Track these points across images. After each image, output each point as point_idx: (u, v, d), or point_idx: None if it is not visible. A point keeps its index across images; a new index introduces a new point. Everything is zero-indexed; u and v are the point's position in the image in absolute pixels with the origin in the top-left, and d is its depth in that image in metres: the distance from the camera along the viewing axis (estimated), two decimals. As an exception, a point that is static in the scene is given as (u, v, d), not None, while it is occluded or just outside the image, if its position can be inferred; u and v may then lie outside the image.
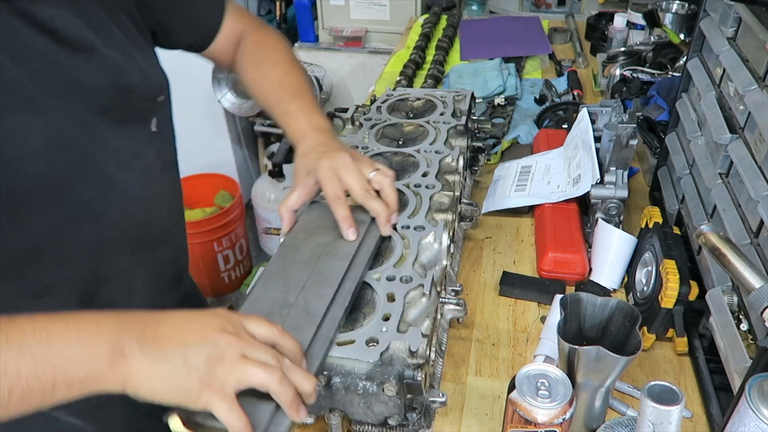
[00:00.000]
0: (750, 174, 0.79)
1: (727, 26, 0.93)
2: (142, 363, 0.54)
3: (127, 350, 0.54)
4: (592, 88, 1.74)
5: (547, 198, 1.17)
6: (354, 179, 0.83)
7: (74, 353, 0.52)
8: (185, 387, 0.55)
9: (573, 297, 0.76)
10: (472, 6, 2.73)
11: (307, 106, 0.93)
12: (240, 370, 0.56)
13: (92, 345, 0.53)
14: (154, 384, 0.54)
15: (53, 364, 0.51)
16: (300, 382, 0.60)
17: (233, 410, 0.55)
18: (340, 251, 0.81)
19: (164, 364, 0.54)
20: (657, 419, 0.61)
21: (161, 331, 0.56)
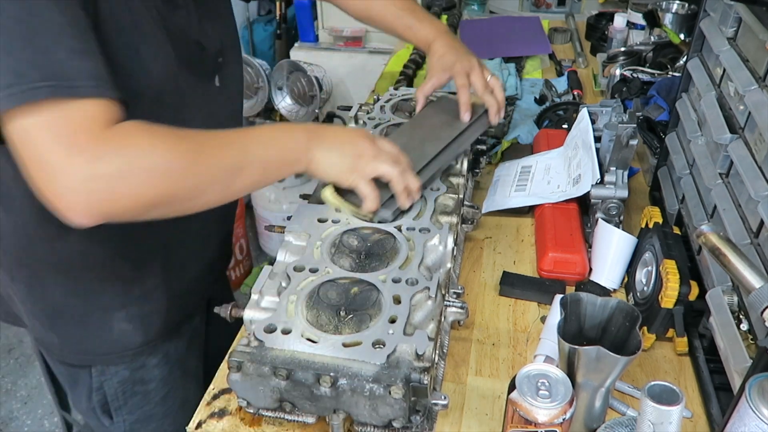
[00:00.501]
0: (750, 174, 0.79)
1: (727, 26, 0.93)
2: (320, 152, 0.83)
3: (313, 144, 0.82)
4: (592, 88, 1.74)
5: (547, 198, 1.17)
6: (478, 79, 1.12)
7: (287, 142, 0.81)
8: (343, 170, 0.85)
9: (573, 297, 0.76)
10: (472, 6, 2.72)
11: (424, 15, 1.19)
12: (374, 164, 0.85)
13: (295, 137, 0.82)
14: (325, 166, 0.83)
15: (275, 148, 0.80)
16: (410, 181, 0.89)
17: (369, 186, 0.85)
18: (453, 125, 1.10)
19: (332, 154, 0.84)
20: (657, 419, 0.61)
21: (329, 135, 0.85)
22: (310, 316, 0.76)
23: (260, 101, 2.59)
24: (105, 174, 0.65)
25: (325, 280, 0.80)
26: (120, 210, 0.67)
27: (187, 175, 0.70)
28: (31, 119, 0.63)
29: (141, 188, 0.67)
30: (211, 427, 0.82)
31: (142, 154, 0.67)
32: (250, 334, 0.74)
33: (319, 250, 0.86)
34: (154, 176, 0.68)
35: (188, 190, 0.72)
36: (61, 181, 0.64)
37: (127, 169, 0.66)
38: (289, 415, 0.75)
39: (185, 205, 0.73)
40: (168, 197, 0.70)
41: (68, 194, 0.64)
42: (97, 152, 0.65)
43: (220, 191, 0.75)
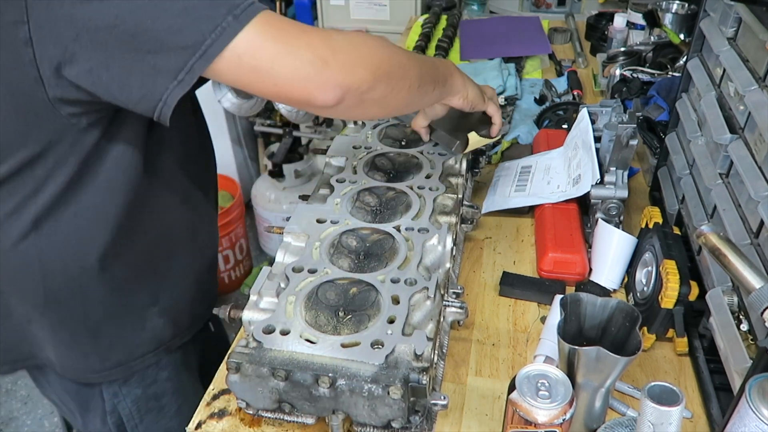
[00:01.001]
0: (750, 174, 0.79)
1: (727, 26, 0.93)
2: (462, 79, 0.95)
3: (460, 73, 0.95)
4: (592, 88, 1.74)
5: (547, 198, 1.17)
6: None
7: (441, 67, 0.91)
8: (480, 95, 0.98)
9: (573, 297, 0.76)
10: (472, 6, 2.72)
11: None
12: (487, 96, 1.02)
13: (446, 64, 0.93)
14: (468, 91, 0.95)
15: (435, 69, 0.88)
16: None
17: (496, 107, 1.03)
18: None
19: (471, 84, 0.97)
20: (657, 419, 0.61)
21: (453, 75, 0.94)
22: (309, 317, 0.76)
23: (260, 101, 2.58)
24: (341, 49, 0.71)
25: (323, 280, 0.80)
26: (358, 80, 0.72)
27: (392, 54, 0.77)
28: (260, 35, 0.67)
29: (371, 57, 0.74)
30: (211, 427, 0.81)
31: (351, 34, 0.75)
32: (249, 335, 0.74)
33: (318, 250, 0.86)
34: (374, 47, 0.75)
35: (398, 67, 0.78)
36: (308, 70, 0.68)
37: (353, 40, 0.73)
38: (288, 416, 0.75)
39: (398, 85, 0.78)
40: (387, 70, 0.76)
41: (317, 78, 0.69)
42: (320, 36, 0.70)
43: (415, 79, 0.81)
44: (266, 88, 0.69)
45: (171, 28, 0.64)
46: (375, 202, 0.98)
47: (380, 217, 0.95)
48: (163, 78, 0.66)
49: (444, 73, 0.91)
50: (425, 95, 0.87)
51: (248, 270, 2.84)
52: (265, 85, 0.69)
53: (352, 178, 1.02)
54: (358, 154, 1.08)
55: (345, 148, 1.10)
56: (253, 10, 0.66)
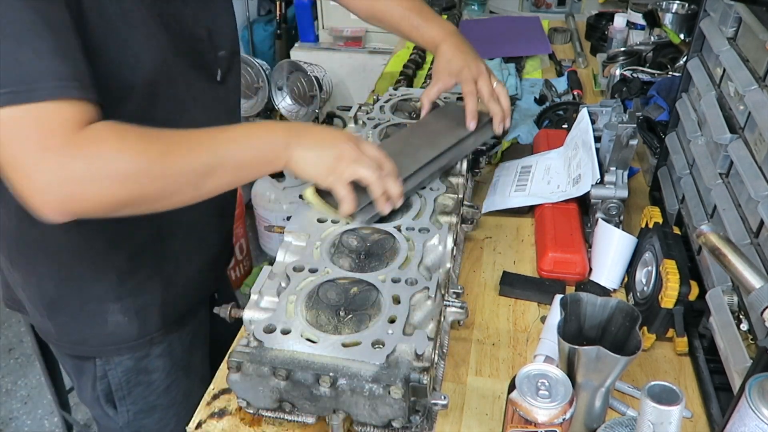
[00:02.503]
0: (750, 174, 0.79)
1: (727, 26, 0.93)
2: (300, 151, 0.82)
3: (293, 142, 0.81)
4: (592, 88, 1.74)
5: (547, 198, 1.17)
6: (485, 86, 1.09)
7: (264, 141, 0.81)
8: (321, 171, 0.84)
9: (573, 297, 0.76)
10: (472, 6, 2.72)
11: (432, 15, 1.16)
12: (353, 167, 0.83)
13: (274, 136, 0.81)
14: (304, 165, 0.82)
15: (251, 147, 0.79)
16: (390, 186, 0.87)
17: (345, 189, 0.84)
18: (455, 132, 1.07)
19: (312, 154, 0.83)
20: (657, 419, 0.61)
21: (311, 134, 0.84)
22: (310, 317, 0.76)
23: (260, 101, 2.59)
24: (73, 177, 0.67)
25: (324, 280, 0.80)
26: (89, 209, 0.70)
27: (155, 178, 0.72)
28: (1, 124, 0.64)
29: (109, 190, 0.69)
30: (211, 427, 0.82)
31: (110, 157, 0.69)
32: (250, 335, 0.74)
33: (319, 250, 0.86)
34: (121, 179, 0.70)
35: (157, 191, 0.73)
36: (33, 182, 0.66)
37: (95, 173, 0.68)
38: (288, 415, 0.75)
39: (155, 205, 0.74)
40: (136, 199, 0.72)
41: (39, 194, 0.67)
42: (65, 155, 0.66)
43: (190, 192, 0.76)
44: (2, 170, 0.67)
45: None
46: (375, 201, 0.98)
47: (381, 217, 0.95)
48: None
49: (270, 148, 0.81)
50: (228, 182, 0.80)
51: (248, 270, 2.84)
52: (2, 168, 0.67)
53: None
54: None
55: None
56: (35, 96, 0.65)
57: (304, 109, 2.58)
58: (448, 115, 1.13)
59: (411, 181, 0.95)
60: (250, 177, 0.82)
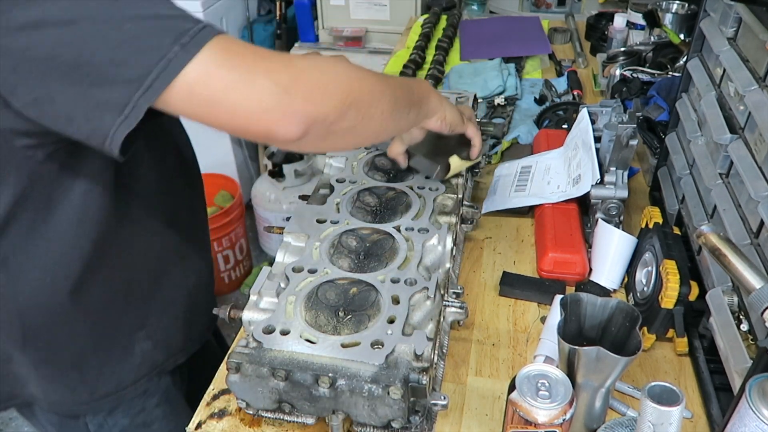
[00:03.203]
0: (750, 174, 0.79)
1: (727, 26, 0.93)
2: (438, 99, 0.89)
3: (437, 94, 0.90)
4: (592, 88, 1.74)
5: (547, 198, 1.17)
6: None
7: (416, 88, 0.85)
8: (459, 116, 0.93)
9: (573, 297, 0.76)
10: (472, 6, 2.72)
11: None
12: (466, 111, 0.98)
13: (421, 84, 0.87)
14: (445, 112, 0.90)
15: (410, 91, 0.83)
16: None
17: (477, 128, 0.99)
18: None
19: (448, 105, 0.91)
20: (657, 420, 0.61)
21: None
22: (309, 317, 0.76)
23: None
24: (303, 76, 0.65)
25: (323, 280, 0.80)
26: (325, 109, 0.66)
27: (362, 78, 0.72)
28: (212, 64, 0.61)
29: (338, 83, 0.68)
30: (211, 427, 0.81)
31: (319, 58, 0.70)
32: (249, 335, 0.74)
33: (318, 250, 0.86)
34: (341, 72, 0.69)
35: (368, 93, 0.72)
36: (268, 100, 0.62)
37: (322, 67, 0.68)
38: (288, 416, 0.75)
39: (369, 112, 0.72)
40: (356, 97, 0.70)
41: (278, 108, 0.63)
42: (280, 63, 0.65)
43: (387, 104, 0.75)
44: (222, 121, 0.63)
45: (113, 60, 0.59)
46: (375, 202, 0.98)
47: (380, 217, 0.95)
48: (109, 114, 0.61)
49: (419, 94, 0.85)
50: (400, 121, 0.81)
51: (248, 270, 2.84)
52: (220, 118, 0.63)
53: (352, 178, 1.02)
54: (358, 154, 1.08)
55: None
56: (204, 37, 0.61)
57: (304, 109, 2.58)
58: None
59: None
60: (407, 122, 0.84)
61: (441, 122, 0.90)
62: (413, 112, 0.83)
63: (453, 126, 0.92)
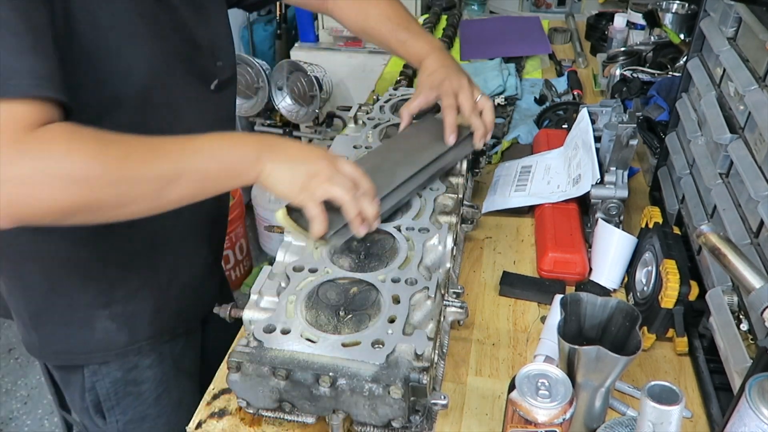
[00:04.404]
0: (750, 174, 0.79)
1: (727, 26, 0.93)
2: (272, 166, 0.77)
3: (264, 156, 0.77)
4: (592, 88, 1.74)
5: (547, 198, 1.17)
6: (467, 100, 1.04)
7: (233, 154, 0.76)
8: (293, 187, 0.78)
9: (573, 297, 0.76)
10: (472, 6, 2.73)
11: (419, 31, 1.15)
12: (327, 185, 0.78)
13: (245, 149, 0.77)
14: (275, 181, 0.78)
15: (218, 159, 0.74)
16: (366, 207, 0.81)
17: (318, 209, 0.79)
18: (435, 148, 1.02)
19: (283, 168, 0.78)
20: (657, 419, 0.61)
21: (284, 149, 0.79)
22: (310, 316, 0.76)
23: (260, 101, 2.59)
24: (18, 177, 0.62)
25: (324, 280, 0.80)
26: (37, 214, 0.65)
27: (110, 183, 0.67)
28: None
29: (54, 195, 0.64)
30: (211, 427, 0.81)
31: (57, 159, 0.64)
32: (250, 335, 0.74)
33: (319, 250, 0.86)
34: (68, 183, 0.65)
35: (112, 198, 0.68)
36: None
37: (40, 175, 0.63)
38: (288, 415, 0.75)
39: (111, 213, 0.70)
40: (89, 204, 0.67)
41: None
42: (11, 155, 0.62)
43: (150, 201, 0.71)
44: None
45: None
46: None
47: (381, 217, 0.95)
48: None
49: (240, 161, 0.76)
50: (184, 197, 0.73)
51: (248, 270, 2.84)
52: None
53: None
54: (358, 154, 1.08)
55: (345, 148, 1.10)
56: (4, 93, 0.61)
57: (304, 109, 2.58)
58: (427, 130, 1.07)
59: (388, 200, 0.90)
60: (218, 190, 0.76)
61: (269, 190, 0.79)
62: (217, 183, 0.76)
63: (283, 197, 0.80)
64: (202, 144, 0.74)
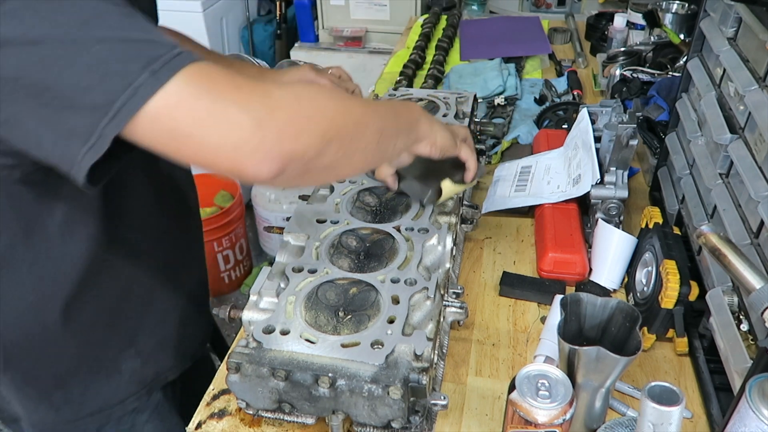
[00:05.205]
0: (750, 174, 0.79)
1: (727, 26, 0.93)
2: (429, 124, 0.84)
3: (422, 118, 0.83)
4: (592, 88, 1.74)
5: (547, 198, 1.17)
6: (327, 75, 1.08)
7: (404, 113, 0.80)
8: (451, 138, 0.87)
9: (573, 297, 0.76)
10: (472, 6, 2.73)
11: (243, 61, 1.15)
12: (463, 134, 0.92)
13: (413, 108, 0.83)
14: (436, 136, 0.84)
15: (397, 117, 0.78)
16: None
17: (470, 150, 0.92)
18: None
19: (437, 127, 0.85)
20: (657, 420, 0.61)
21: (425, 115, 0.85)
22: (309, 317, 0.76)
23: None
24: (280, 108, 0.59)
25: (323, 280, 0.80)
26: (301, 146, 0.60)
27: (345, 109, 0.66)
28: (182, 94, 0.55)
29: (318, 116, 0.62)
30: (211, 427, 0.81)
31: (301, 86, 0.65)
32: (249, 335, 0.74)
33: (318, 250, 0.86)
34: (322, 103, 0.64)
35: (352, 126, 0.67)
36: (238, 135, 0.56)
37: (301, 97, 0.62)
38: (288, 416, 0.75)
39: (352, 146, 0.67)
40: (338, 131, 0.64)
41: (248, 146, 0.57)
42: (256, 94, 0.58)
43: (372, 136, 0.70)
44: (188, 155, 0.58)
45: (79, 85, 0.55)
46: (375, 202, 0.98)
47: (380, 217, 0.95)
48: (76, 141, 0.56)
49: (408, 120, 0.80)
50: (386, 151, 0.76)
51: (248, 270, 2.84)
52: (186, 151, 0.57)
53: (352, 178, 1.02)
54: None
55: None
56: (176, 64, 0.56)
57: (304, 109, 2.58)
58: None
59: None
60: (394, 151, 0.78)
61: (431, 147, 0.84)
62: (401, 141, 0.78)
63: (444, 150, 0.86)
64: (383, 106, 0.78)
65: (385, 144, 0.73)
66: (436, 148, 0.84)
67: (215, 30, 2.67)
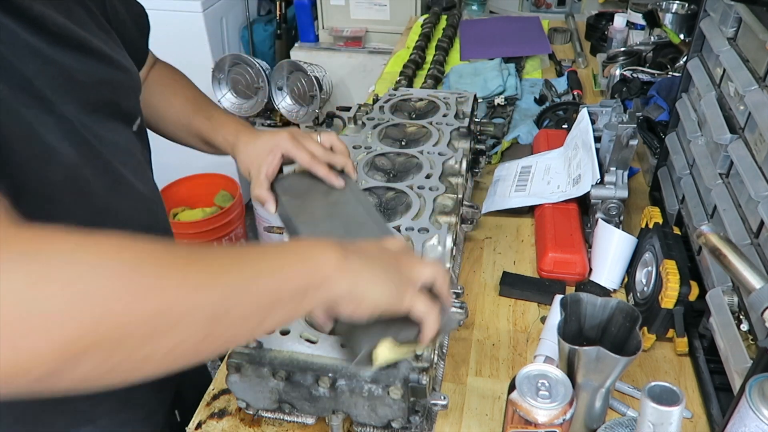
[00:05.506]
0: (750, 174, 0.79)
1: (728, 26, 0.93)
2: (362, 267, 0.58)
3: (350, 258, 0.57)
4: (592, 88, 1.74)
5: (547, 198, 1.17)
6: (314, 143, 0.90)
7: (294, 265, 0.54)
8: (395, 289, 0.60)
9: (573, 297, 0.76)
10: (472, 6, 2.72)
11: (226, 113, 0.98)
12: (418, 269, 0.63)
13: (317, 255, 0.55)
14: (368, 294, 0.58)
15: (272, 279, 0.52)
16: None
17: (428, 303, 0.61)
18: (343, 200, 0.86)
19: (379, 271, 0.59)
20: (657, 420, 0.61)
21: (364, 251, 0.61)
22: (309, 317, 0.76)
23: (260, 101, 2.59)
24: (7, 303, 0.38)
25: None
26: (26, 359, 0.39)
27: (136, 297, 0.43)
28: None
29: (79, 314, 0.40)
30: (211, 427, 0.81)
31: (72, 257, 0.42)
32: (249, 335, 0.74)
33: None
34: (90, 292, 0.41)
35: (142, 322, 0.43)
36: None
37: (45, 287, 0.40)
38: (288, 416, 0.75)
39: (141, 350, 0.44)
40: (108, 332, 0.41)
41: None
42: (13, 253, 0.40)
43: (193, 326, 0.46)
44: None
45: None
46: (375, 201, 0.98)
47: (380, 217, 0.95)
48: None
49: (302, 283, 0.53)
50: (240, 335, 0.52)
51: (248, 270, 2.84)
52: None
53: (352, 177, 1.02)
54: (358, 154, 1.08)
55: (345, 148, 1.10)
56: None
57: (304, 109, 2.58)
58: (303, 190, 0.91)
59: None
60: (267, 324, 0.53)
61: (354, 308, 0.57)
62: (279, 314, 0.52)
63: (379, 310, 0.59)
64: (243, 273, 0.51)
65: (233, 329, 0.49)
66: (363, 309, 0.58)
67: (215, 30, 2.67)
